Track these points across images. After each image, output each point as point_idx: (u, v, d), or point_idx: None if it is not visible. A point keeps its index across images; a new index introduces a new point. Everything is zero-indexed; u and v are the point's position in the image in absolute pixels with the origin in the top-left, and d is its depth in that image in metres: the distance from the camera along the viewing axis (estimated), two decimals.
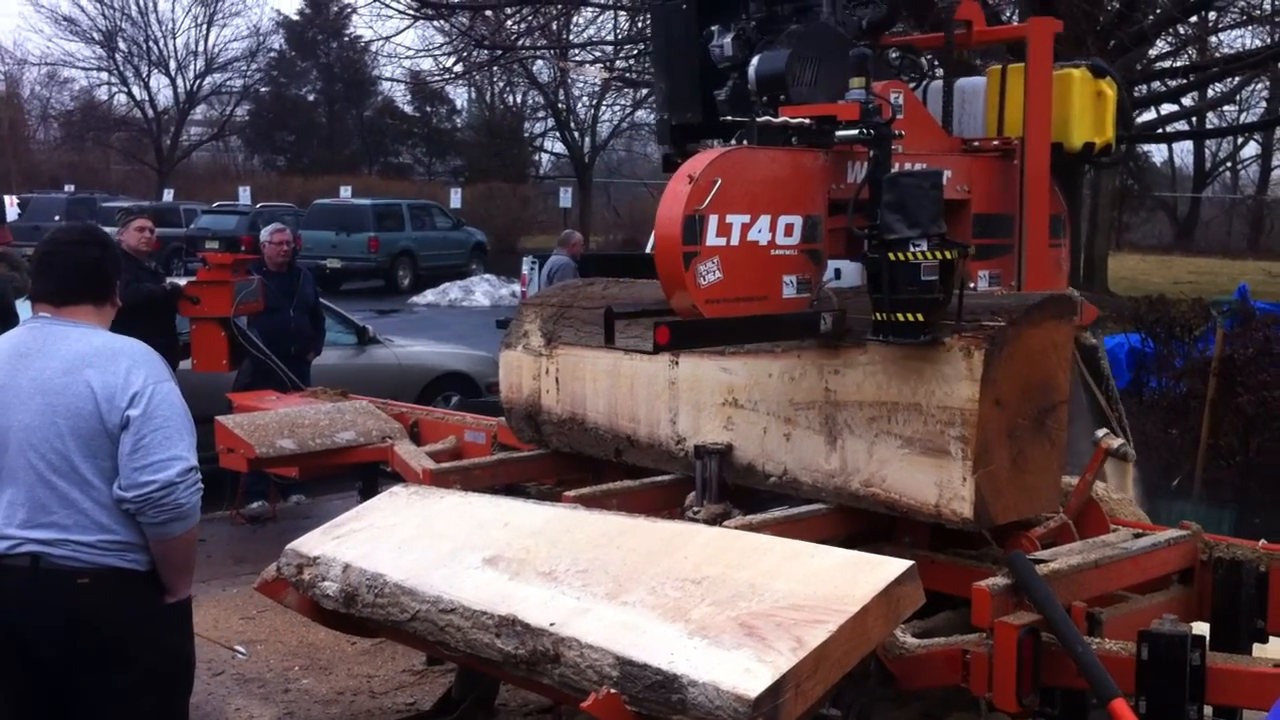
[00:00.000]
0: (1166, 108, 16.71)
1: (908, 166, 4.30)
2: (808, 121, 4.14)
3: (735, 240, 3.98)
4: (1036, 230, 4.93)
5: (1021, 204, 4.89)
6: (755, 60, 4.45)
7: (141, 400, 3.49)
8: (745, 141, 4.33)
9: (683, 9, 4.77)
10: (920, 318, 3.93)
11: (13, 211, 4.21)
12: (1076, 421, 4.97)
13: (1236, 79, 19.15)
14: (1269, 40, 13.42)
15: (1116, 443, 4.42)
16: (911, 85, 5.00)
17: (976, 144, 4.97)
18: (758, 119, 4.20)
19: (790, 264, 4.14)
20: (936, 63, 5.25)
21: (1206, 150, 41.57)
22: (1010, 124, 4.99)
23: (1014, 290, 4.84)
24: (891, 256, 3.95)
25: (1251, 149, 43.19)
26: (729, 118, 4.59)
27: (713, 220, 3.91)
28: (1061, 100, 4.94)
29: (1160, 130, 15.82)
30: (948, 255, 3.95)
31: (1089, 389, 6.06)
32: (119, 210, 9.03)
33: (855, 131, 4.08)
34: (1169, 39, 12.85)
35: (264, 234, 9.59)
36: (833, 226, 4.24)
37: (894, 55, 5.23)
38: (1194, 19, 13.20)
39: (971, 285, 4.57)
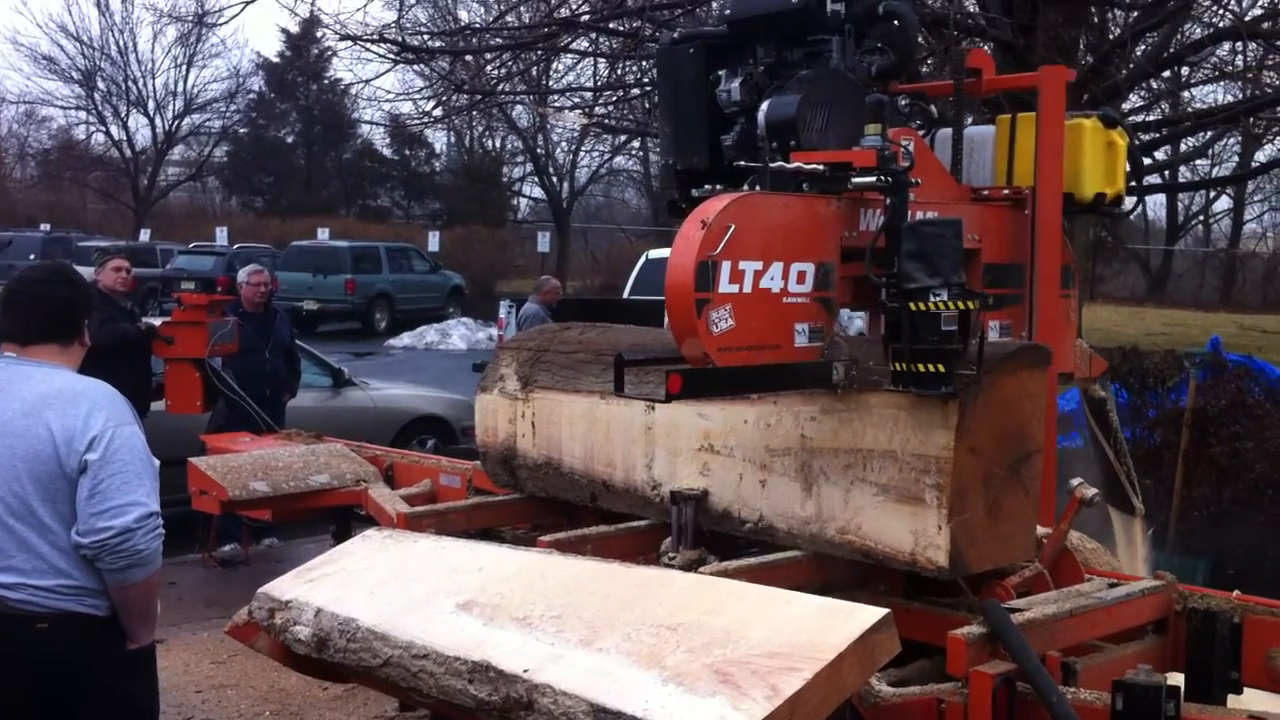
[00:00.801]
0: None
1: (920, 215, 4.26)
2: (822, 168, 4.09)
3: (748, 288, 3.90)
4: (1048, 280, 4.90)
5: (1033, 254, 4.86)
6: (765, 105, 4.42)
7: (100, 444, 3.45)
8: (757, 187, 4.27)
9: (690, 53, 4.72)
10: (942, 368, 3.88)
11: None
12: (1085, 474, 4.97)
13: (1209, 133, 19.38)
14: (1241, 95, 13.60)
15: (1090, 492, 4.43)
16: (921, 133, 4.99)
17: (986, 193, 4.93)
18: (771, 164, 4.14)
19: (803, 312, 4.07)
20: (961, 109, 5.14)
21: (1179, 203, 42.02)
22: (1020, 173, 4.97)
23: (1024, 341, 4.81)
24: (913, 306, 3.90)
25: (1224, 203, 43.63)
26: (739, 163, 4.53)
27: (725, 267, 3.83)
28: (1073, 150, 4.91)
29: (1133, 183, 15.94)
30: (970, 305, 3.91)
31: (1097, 442, 6.00)
32: (96, 250, 9.01)
33: (873, 179, 4.03)
34: (1142, 93, 13.00)
35: (241, 275, 9.57)
36: (844, 274, 4.19)
37: (903, 103, 5.17)
38: (1167, 74, 13.37)
39: (983, 335, 4.50)
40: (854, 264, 4.17)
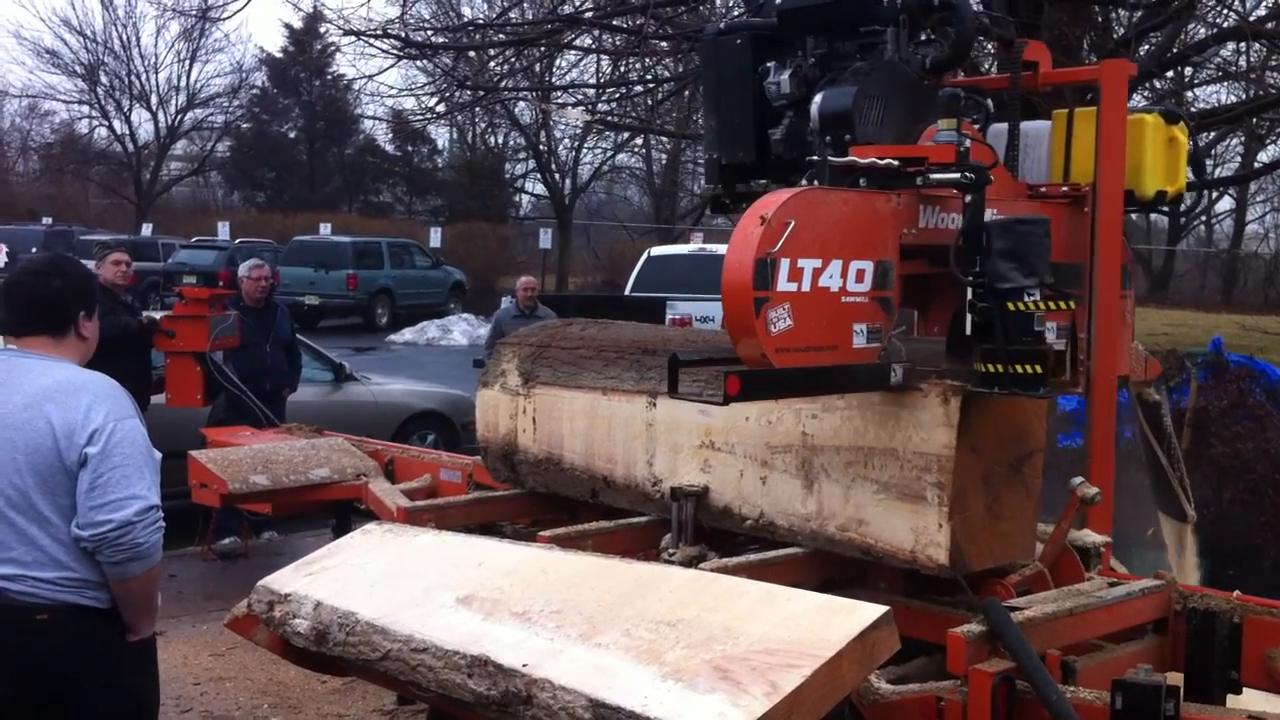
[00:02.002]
0: None
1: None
2: (895, 162, 3.94)
3: (806, 286, 3.77)
4: (1108, 280, 4.76)
5: (1092, 253, 4.73)
6: (819, 98, 4.29)
7: (100, 437, 3.44)
8: (815, 182, 4.12)
9: (737, 45, 4.60)
10: (1039, 369, 3.80)
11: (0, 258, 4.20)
12: (1135, 477, 4.92)
13: (1212, 134, 19.36)
14: (1244, 96, 13.60)
15: (1091, 491, 4.43)
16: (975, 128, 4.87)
17: (1044, 190, 4.79)
18: (830, 158, 4.02)
19: (861, 312, 3.93)
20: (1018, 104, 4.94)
21: (1181, 203, 41.98)
22: (1078, 170, 4.82)
23: (1083, 343, 4.65)
24: (1011, 306, 3.82)
25: (1226, 203, 43.63)
26: (792, 156, 4.43)
27: (784, 264, 3.70)
28: (1134, 146, 4.79)
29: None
30: (1069, 305, 3.84)
31: (1150, 446, 5.88)
32: (97, 244, 9.01)
33: (955, 175, 3.91)
34: (1145, 93, 13.00)
35: (242, 269, 9.57)
36: (902, 273, 4.07)
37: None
38: (1170, 74, 13.36)
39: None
40: (912, 262, 4.07)
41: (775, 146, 4.54)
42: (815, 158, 4.13)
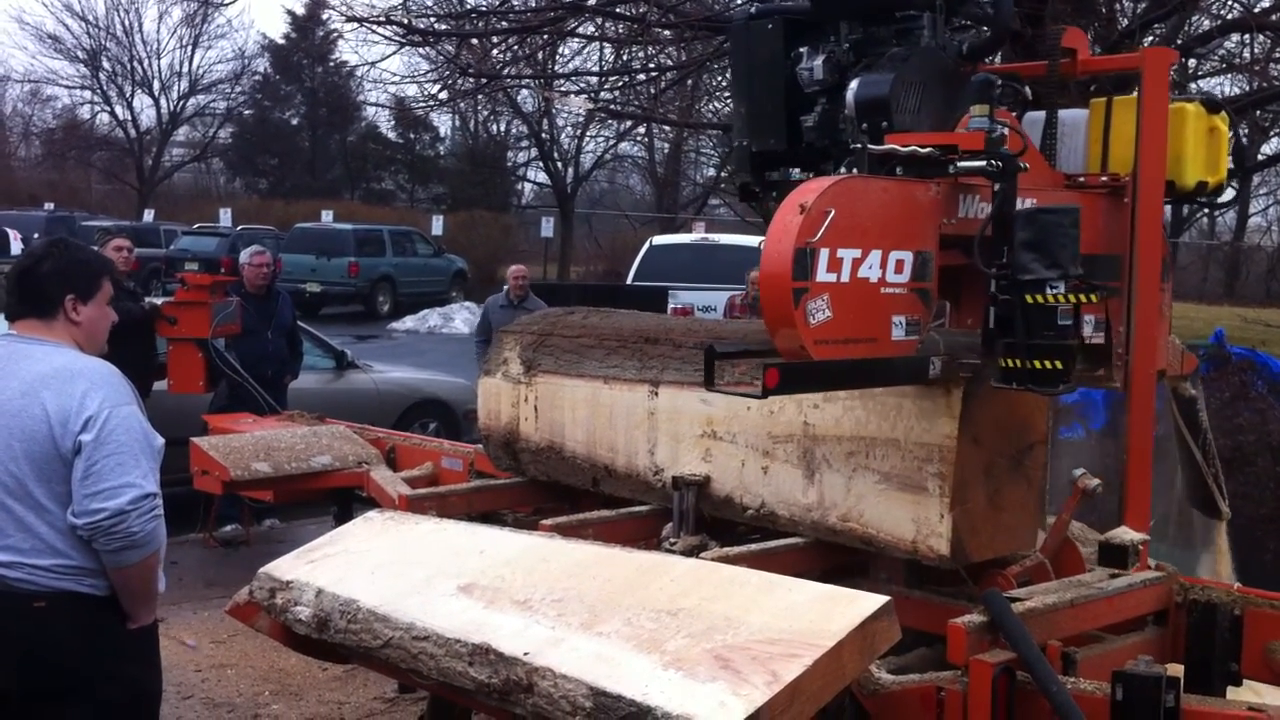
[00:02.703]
0: None
1: (1022, 203, 4.06)
2: (928, 150, 3.84)
3: (846, 277, 3.66)
4: (1148, 273, 4.62)
5: (1132, 244, 4.59)
6: (855, 84, 4.19)
7: (95, 425, 3.43)
8: (854, 170, 4.03)
9: (768, 29, 4.50)
10: (1059, 365, 3.72)
11: (16, 245, 4.20)
12: (1171, 474, 4.87)
13: None
14: (1248, 88, 13.57)
15: (1093, 483, 4.43)
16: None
17: (1082, 180, 4.64)
18: (868, 146, 3.93)
19: (900, 304, 3.83)
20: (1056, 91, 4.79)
21: None
22: (1116, 159, 4.69)
23: (1120, 337, 4.57)
24: (1029, 299, 3.72)
25: (1227, 195, 43.52)
26: (824, 144, 4.34)
27: (824, 254, 3.60)
28: (1175, 136, 4.65)
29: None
30: (1093, 299, 3.74)
31: (1184, 442, 5.77)
32: (99, 230, 9.03)
33: (981, 163, 3.81)
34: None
35: (244, 256, 9.57)
36: (942, 264, 3.96)
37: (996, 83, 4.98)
38: (1174, 66, 13.32)
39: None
40: (952, 253, 3.98)
41: (807, 134, 4.45)
42: (851, 145, 4.06)
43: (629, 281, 18.47)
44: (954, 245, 3.98)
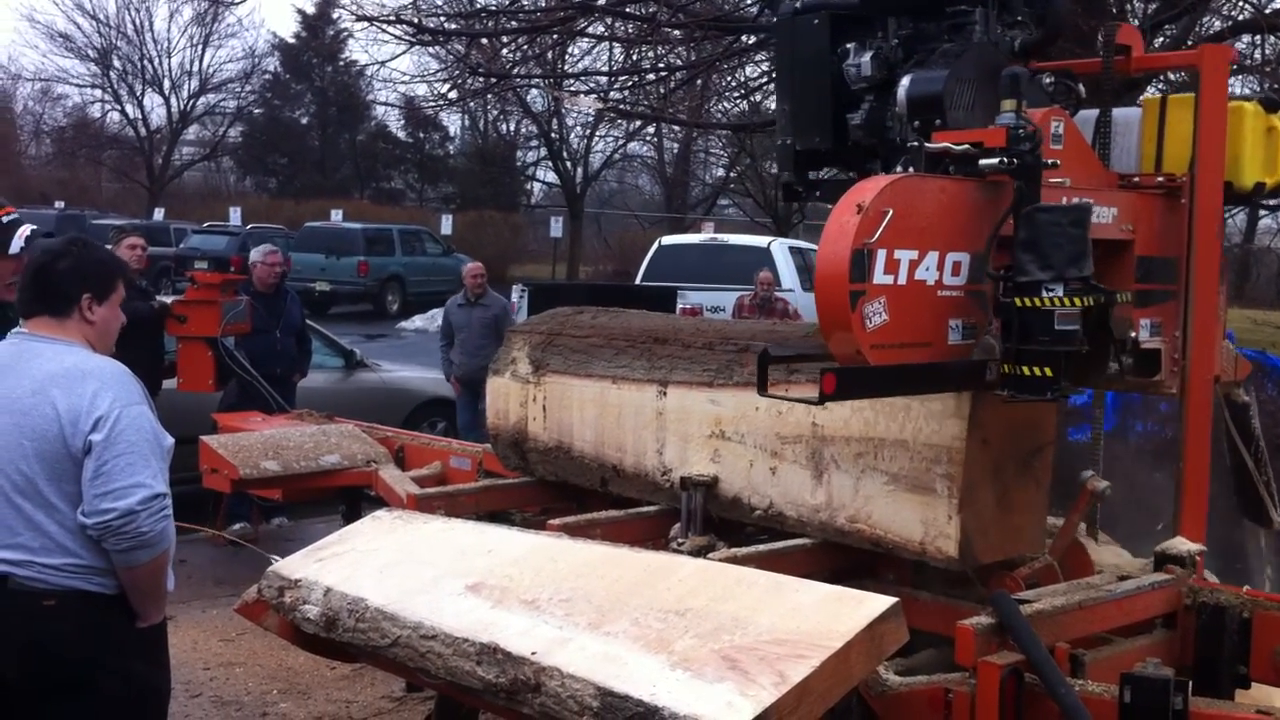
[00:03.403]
0: None
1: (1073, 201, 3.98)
2: (968, 148, 3.73)
3: (903, 279, 3.58)
4: (1206, 275, 4.49)
5: (1190, 247, 4.46)
6: (906, 80, 4.10)
7: (105, 424, 3.42)
8: (909, 169, 3.93)
9: (814, 25, 4.40)
10: (1048, 372, 3.60)
11: (17, 244, 4.22)
12: (1215, 480, 4.79)
13: None
14: (1259, 89, 13.53)
15: (1102, 484, 4.42)
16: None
17: (1138, 180, 4.50)
18: (925, 144, 3.83)
19: (956, 306, 3.75)
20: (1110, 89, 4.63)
21: None
22: (1171, 159, 4.57)
23: (1176, 342, 4.47)
24: (1018, 302, 3.64)
25: None
26: (870, 142, 4.26)
27: (881, 255, 3.51)
28: (1233, 136, 4.53)
29: None
30: (1085, 302, 3.60)
31: (1235, 449, 5.64)
32: (113, 228, 9.06)
33: (995, 160, 3.69)
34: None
35: (256, 255, 9.58)
36: (998, 265, 3.85)
37: (1048, 80, 4.74)
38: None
39: (1134, 334, 4.25)
40: (1001, 253, 3.86)
41: (853, 132, 4.36)
42: (904, 143, 3.99)
43: (638, 281, 18.47)
44: (1006, 246, 3.84)
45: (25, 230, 4.54)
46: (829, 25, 4.39)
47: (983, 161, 3.72)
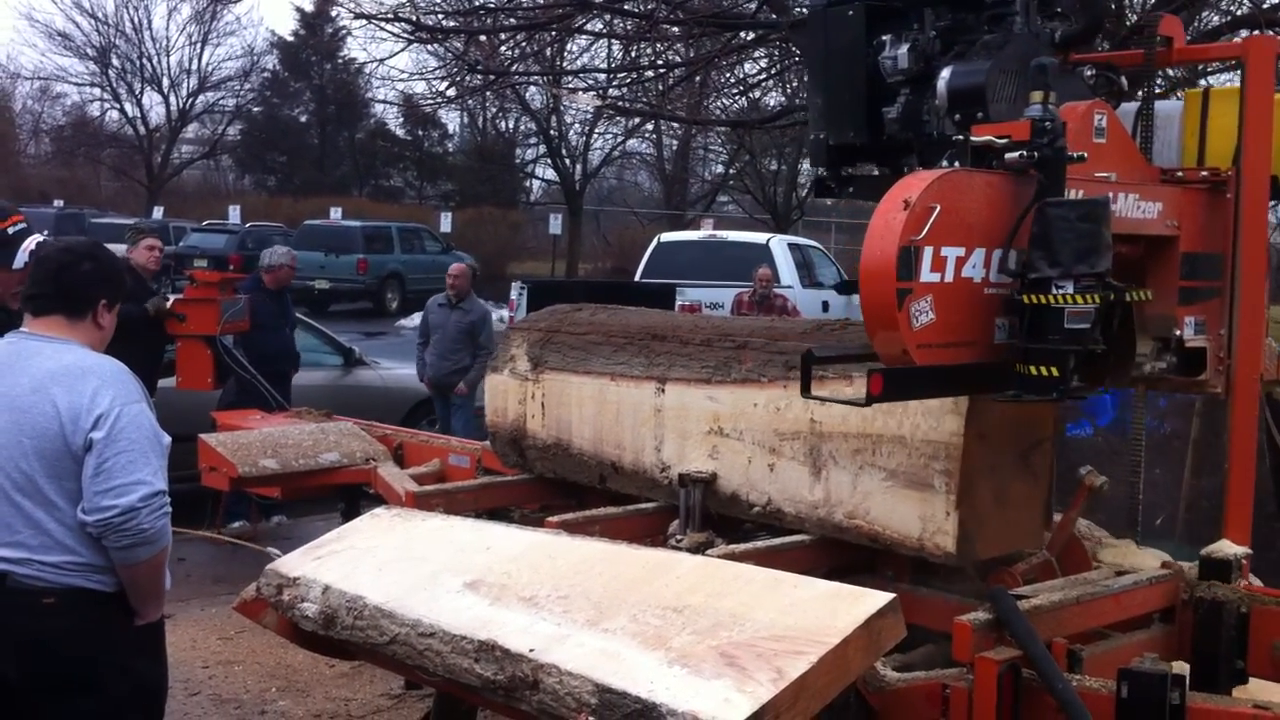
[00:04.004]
0: None
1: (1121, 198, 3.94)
2: (1001, 141, 3.66)
3: (949, 277, 3.50)
4: (1253, 272, 4.37)
5: (1235, 243, 4.35)
6: (947, 72, 4.03)
7: (106, 422, 3.43)
8: (956, 163, 3.82)
9: (849, 16, 4.32)
10: (1054, 372, 3.53)
11: (22, 258, 4.21)
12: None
13: None
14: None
15: (1099, 480, 4.42)
16: None
17: (1180, 174, 4.40)
18: (970, 138, 3.74)
19: (1003, 305, 3.68)
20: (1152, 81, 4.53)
21: None
22: (1214, 153, 4.48)
23: (1221, 340, 4.38)
24: (1025, 299, 3.56)
25: None
26: (906, 137, 4.17)
27: (928, 253, 3.44)
28: (1278, 129, 4.40)
29: None
30: (1094, 299, 3.51)
31: (1276, 449, 5.57)
32: (130, 229, 9.11)
33: (1017, 153, 3.61)
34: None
35: (279, 257, 9.66)
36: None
37: (1089, 73, 4.65)
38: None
39: (1178, 332, 4.20)
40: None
41: (888, 126, 4.29)
42: (948, 137, 3.91)
43: (637, 278, 18.47)
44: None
45: (31, 244, 4.54)
46: (864, 17, 4.32)
47: (1007, 155, 3.65)
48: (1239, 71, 4.45)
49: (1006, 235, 3.64)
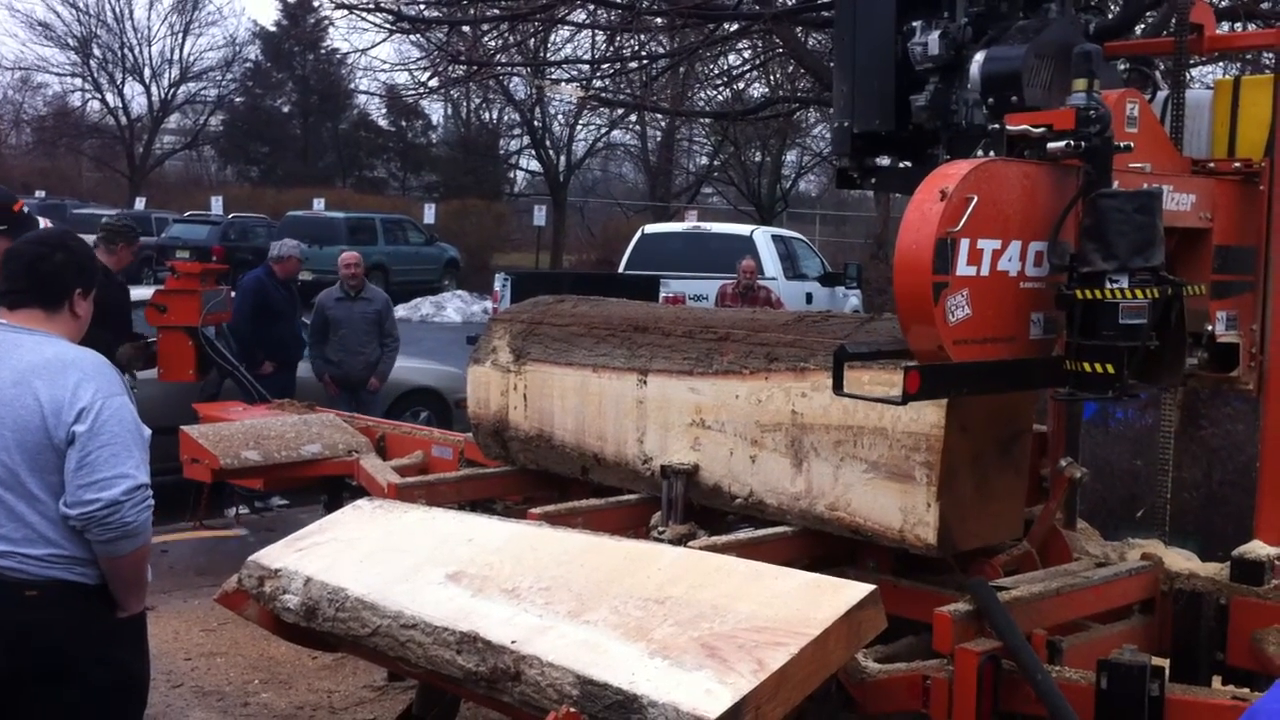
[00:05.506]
0: None
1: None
2: (1038, 130, 3.56)
3: (985, 270, 3.42)
4: None
5: (1268, 235, 4.27)
6: (980, 57, 3.92)
7: (89, 416, 3.42)
8: (991, 153, 3.74)
9: (878, 2, 4.23)
10: (1109, 369, 3.44)
11: None
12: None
13: None
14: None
15: (1079, 472, 4.44)
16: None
17: (1213, 165, 4.33)
18: (1003, 127, 3.64)
19: (1039, 299, 3.60)
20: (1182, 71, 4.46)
21: None
22: (1245, 143, 4.39)
23: (1254, 336, 4.33)
24: (1079, 294, 3.47)
25: None
26: (934, 126, 4.08)
27: (964, 245, 3.35)
28: None
29: None
30: (1153, 294, 3.41)
31: None
32: (104, 218, 9.15)
33: (1063, 143, 3.50)
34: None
35: (289, 249, 9.99)
36: None
37: (1122, 65, 4.59)
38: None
39: (1210, 327, 4.14)
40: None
41: (916, 115, 4.20)
42: (977, 126, 3.83)
43: (621, 270, 18.46)
44: None
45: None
46: (895, 2, 4.25)
47: (1050, 145, 3.55)
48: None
49: (1052, 227, 3.57)
